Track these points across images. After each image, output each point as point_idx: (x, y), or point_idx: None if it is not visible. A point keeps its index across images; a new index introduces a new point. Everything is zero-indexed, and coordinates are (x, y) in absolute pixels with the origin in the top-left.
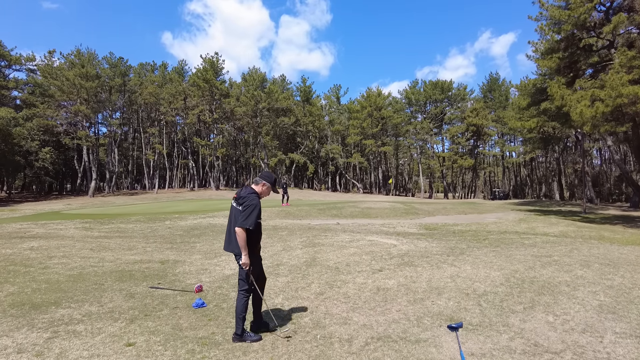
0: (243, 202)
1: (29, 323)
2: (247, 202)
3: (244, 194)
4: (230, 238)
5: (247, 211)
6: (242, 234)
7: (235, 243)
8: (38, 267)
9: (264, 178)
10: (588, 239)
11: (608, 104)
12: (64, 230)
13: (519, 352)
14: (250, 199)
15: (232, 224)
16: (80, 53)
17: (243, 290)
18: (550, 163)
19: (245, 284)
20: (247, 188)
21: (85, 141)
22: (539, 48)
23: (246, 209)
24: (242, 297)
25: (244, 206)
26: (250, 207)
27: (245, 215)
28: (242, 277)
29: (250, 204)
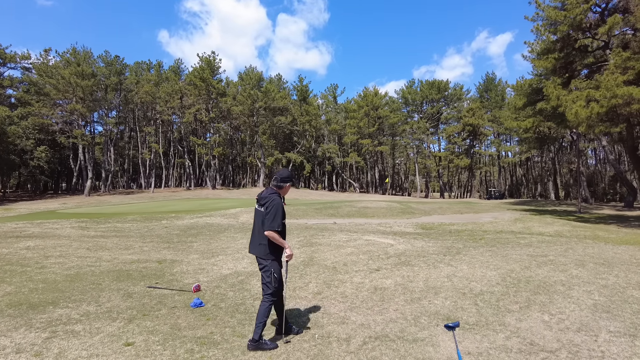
0: (265, 203)
1: (27, 323)
2: (269, 203)
3: (265, 195)
4: (255, 241)
5: (272, 213)
6: (274, 235)
7: (259, 247)
8: (35, 267)
9: (284, 180)
10: (583, 238)
11: (603, 104)
12: (60, 230)
13: (515, 351)
14: (272, 199)
15: (256, 226)
16: (76, 51)
17: (268, 295)
18: (545, 163)
19: (269, 288)
20: (268, 189)
21: (81, 140)
22: (535, 48)
23: (270, 210)
24: (266, 302)
25: (267, 208)
26: (274, 208)
27: (271, 218)
28: (265, 281)
29: (273, 205)
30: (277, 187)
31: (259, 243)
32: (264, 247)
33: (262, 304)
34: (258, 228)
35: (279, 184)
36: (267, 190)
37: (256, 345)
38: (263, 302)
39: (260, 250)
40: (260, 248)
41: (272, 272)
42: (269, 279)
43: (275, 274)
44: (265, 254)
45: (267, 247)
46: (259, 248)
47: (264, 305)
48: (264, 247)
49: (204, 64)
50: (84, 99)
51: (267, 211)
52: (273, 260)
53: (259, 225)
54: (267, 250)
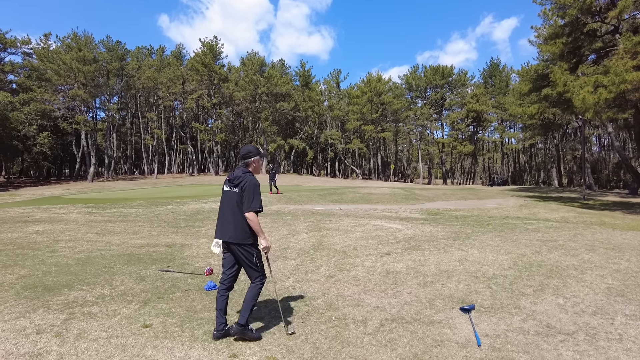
0: (240, 182)
1: (44, 305)
2: (247, 184)
3: (238, 174)
4: (224, 225)
5: (250, 192)
6: (254, 218)
7: (231, 230)
8: (46, 251)
9: (251, 154)
10: (589, 224)
11: (611, 90)
12: (67, 215)
13: (532, 334)
14: (249, 178)
15: (227, 209)
16: (77, 36)
17: (257, 278)
18: (549, 150)
19: (256, 270)
20: (239, 168)
21: (83, 126)
22: (541, 33)
23: (248, 190)
24: (256, 285)
25: (244, 188)
26: (251, 188)
27: (251, 198)
28: (249, 265)
29: (250, 184)
30: (245, 165)
31: (235, 226)
32: (242, 230)
33: (252, 288)
34: (232, 210)
35: (245, 161)
36: (238, 169)
37: (240, 330)
38: (253, 287)
39: (238, 234)
40: (239, 231)
41: (254, 255)
42: (252, 262)
43: (257, 255)
44: (245, 237)
45: (246, 230)
46: (237, 232)
47: (253, 290)
48: (242, 230)
49: (206, 49)
50: (85, 84)
51: (245, 191)
52: (252, 244)
53: (233, 207)
54: (248, 234)
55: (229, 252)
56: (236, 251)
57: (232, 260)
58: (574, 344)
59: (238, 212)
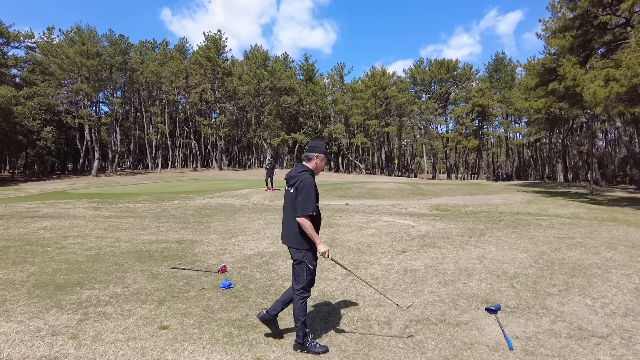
0: (294, 183)
1: (57, 304)
2: (300, 184)
3: (294, 174)
4: (285, 228)
5: (304, 194)
6: (305, 223)
7: (292, 235)
8: (54, 247)
9: (315, 149)
10: (602, 220)
11: (623, 83)
12: (74, 210)
13: (564, 336)
14: (303, 178)
15: (287, 211)
16: (80, 30)
17: (299, 290)
18: (554, 144)
19: (300, 282)
20: (298, 166)
21: (87, 120)
22: (549, 26)
23: (301, 191)
24: (298, 298)
25: (297, 189)
26: (305, 189)
27: (303, 200)
28: (296, 274)
29: (303, 185)
30: (306, 159)
31: (289, 230)
32: (295, 235)
33: (295, 302)
34: (288, 213)
35: (306, 155)
36: (297, 167)
37: (302, 347)
38: (295, 300)
39: (291, 238)
40: (292, 236)
41: (305, 264)
42: (300, 272)
43: (310, 265)
44: (298, 242)
45: (299, 235)
46: (291, 236)
47: (297, 303)
48: (295, 234)
49: (210, 42)
50: (89, 78)
51: (298, 193)
52: (307, 250)
53: (289, 210)
54: (300, 239)
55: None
56: (291, 255)
57: None
58: (611, 348)
59: (292, 215)
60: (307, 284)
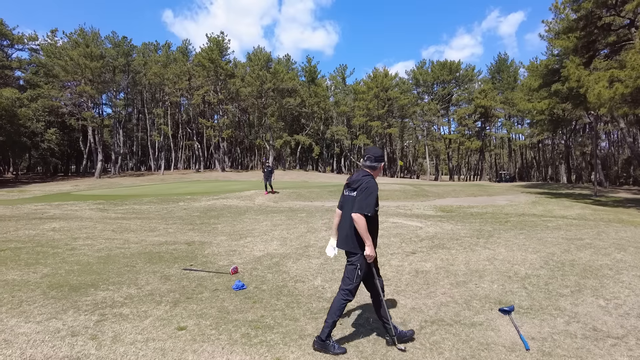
0: (358, 185)
1: (73, 305)
2: (362, 185)
3: (357, 177)
4: (342, 232)
5: (364, 194)
6: (361, 221)
7: (346, 238)
8: (65, 249)
9: (379, 159)
10: (609, 222)
11: (628, 84)
12: (80, 212)
13: (580, 337)
14: (367, 181)
15: (344, 214)
16: (83, 32)
17: (345, 291)
18: (557, 145)
19: (348, 283)
20: (360, 171)
21: (90, 122)
22: (552, 28)
23: (362, 192)
24: (340, 298)
25: (359, 190)
26: (367, 190)
27: (363, 199)
28: (346, 275)
29: (366, 187)
30: (371, 168)
31: (345, 234)
32: (351, 238)
33: (336, 300)
34: (347, 217)
35: (372, 164)
36: (359, 172)
37: (322, 345)
38: (337, 298)
39: (349, 241)
40: (347, 239)
41: (356, 268)
42: (350, 274)
43: (360, 270)
44: (354, 246)
45: (354, 238)
46: (346, 239)
47: (338, 302)
48: (352, 237)
49: (213, 44)
50: (92, 80)
51: (359, 193)
52: (362, 254)
53: (349, 214)
54: (355, 242)
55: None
56: (348, 260)
57: None
58: (627, 349)
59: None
60: (354, 288)
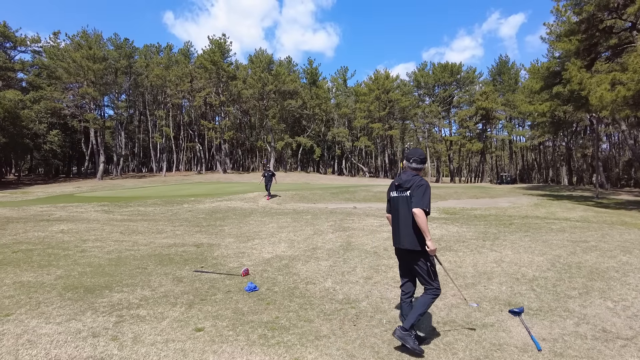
0: (410, 185)
1: (91, 307)
2: (416, 183)
3: (407, 178)
4: (399, 231)
5: (420, 191)
6: (422, 215)
7: (410, 237)
8: (76, 251)
9: (422, 160)
10: (612, 224)
11: (630, 87)
12: (86, 213)
13: (590, 338)
14: (420, 179)
15: (400, 215)
16: (86, 34)
17: (431, 288)
18: (558, 147)
19: (430, 281)
20: (407, 173)
21: (93, 124)
22: (554, 30)
23: (418, 188)
24: (430, 294)
25: (415, 187)
26: (422, 187)
27: (421, 195)
28: (423, 277)
29: (421, 184)
30: (417, 169)
31: (406, 233)
32: (411, 236)
33: (425, 295)
34: (404, 217)
35: (418, 166)
36: (406, 173)
37: (402, 335)
38: (426, 294)
39: (409, 240)
40: (410, 238)
41: (427, 265)
42: (424, 269)
43: (430, 264)
44: (416, 243)
45: (414, 236)
46: (408, 238)
47: (426, 298)
48: (412, 236)
49: (215, 46)
50: (95, 82)
51: (415, 190)
52: (424, 250)
53: (406, 213)
54: (419, 239)
55: (402, 260)
56: (409, 258)
57: (407, 268)
58: (637, 350)
59: (410, 218)
60: (436, 281)
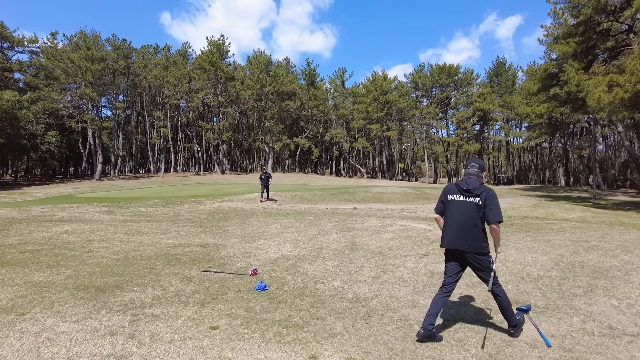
0: (480, 193)
1: (104, 306)
2: (488, 194)
3: (475, 186)
4: (461, 234)
5: (495, 204)
6: (498, 228)
7: (474, 241)
8: (82, 251)
9: (483, 168)
10: (610, 224)
11: (627, 89)
12: (88, 214)
13: (597, 335)
14: (490, 190)
15: (465, 219)
16: (84, 35)
17: (496, 285)
18: (555, 149)
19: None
20: (470, 179)
21: (91, 124)
22: (551, 32)
23: (491, 201)
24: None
25: (487, 199)
26: (495, 198)
27: (496, 209)
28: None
29: (493, 195)
30: (478, 176)
31: (468, 236)
32: (478, 241)
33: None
34: (467, 221)
35: (479, 172)
36: (470, 180)
37: (517, 330)
38: (498, 296)
39: (474, 244)
40: (474, 242)
41: (491, 262)
42: (489, 269)
43: (493, 265)
44: (483, 247)
45: (484, 239)
46: (473, 242)
47: (503, 295)
48: (478, 240)
49: (213, 47)
50: (93, 83)
51: (488, 202)
52: (489, 252)
53: (471, 217)
54: (486, 242)
55: (454, 261)
56: (470, 260)
57: (458, 268)
58: None
59: (478, 222)
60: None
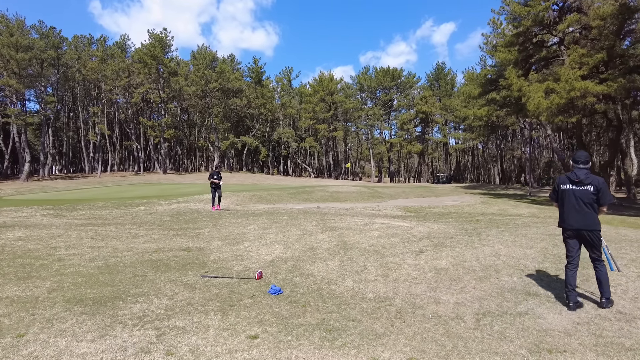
0: (593, 182)
1: (116, 320)
2: (599, 183)
3: (587, 175)
4: (578, 216)
5: (607, 191)
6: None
7: (591, 221)
8: (51, 260)
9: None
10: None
11: (562, 96)
12: (33, 218)
13: (613, 319)
14: (599, 179)
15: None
16: (6, 19)
17: (599, 259)
18: (490, 150)
19: (599, 252)
20: (582, 170)
21: (15, 120)
22: (490, 41)
23: (605, 189)
24: (600, 265)
25: (599, 187)
26: (606, 186)
27: (607, 193)
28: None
29: (604, 183)
30: (587, 169)
31: (586, 217)
32: (594, 220)
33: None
34: (586, 204)
35: (587, 166)
36: (580, 171)
37: (609, 301)
38: (600, 266)
39: (591, 223)
40: (591, 221)
41: (602, 239)
42: (600, 244)
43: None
44: (597, 225)
45: (597, 220)
46: (590, 222)
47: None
48: (594, 220)
49: (155, 41)
50: (17, 73)
51: (601, 190)
52: (600, 230)
53: (588, 202)
54: (599, 222)
55: (574, 239)
56: (587, 236)
57: (578, 244)
58: None
59: (592, 206)
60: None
